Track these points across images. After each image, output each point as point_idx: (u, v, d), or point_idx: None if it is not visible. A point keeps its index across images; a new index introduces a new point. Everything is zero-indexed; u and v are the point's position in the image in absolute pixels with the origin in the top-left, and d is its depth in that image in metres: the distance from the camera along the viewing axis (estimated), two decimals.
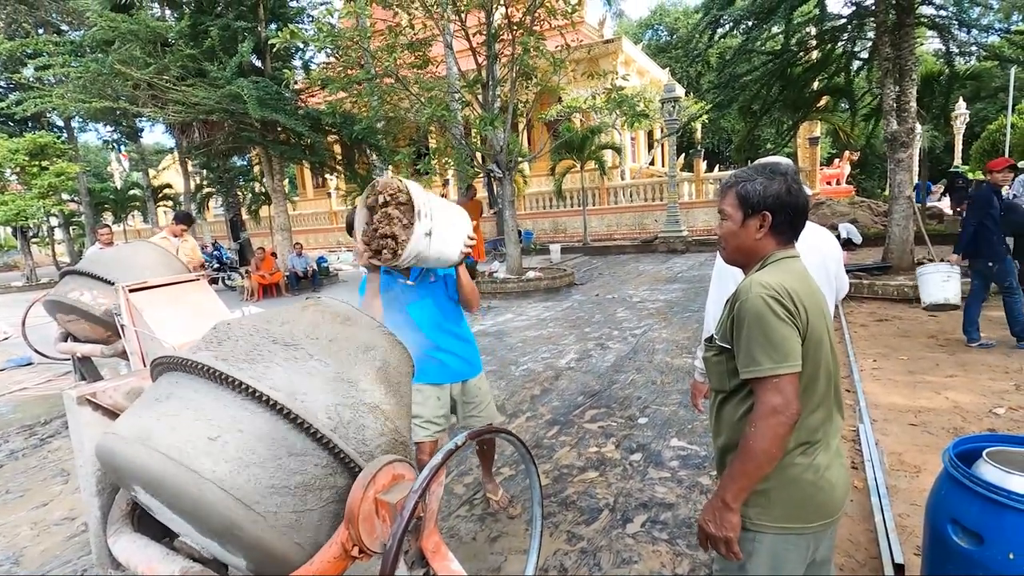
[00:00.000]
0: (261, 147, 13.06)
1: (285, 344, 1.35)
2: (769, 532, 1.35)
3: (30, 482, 3.84)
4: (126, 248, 4.88)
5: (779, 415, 1.24)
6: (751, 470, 1.27)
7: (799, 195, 1.39)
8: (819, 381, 1.34)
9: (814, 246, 1.98)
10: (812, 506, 1.36)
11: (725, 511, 1.32)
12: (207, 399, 1.25)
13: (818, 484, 1.35)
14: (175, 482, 1.18)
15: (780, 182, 1.37)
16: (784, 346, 1.25)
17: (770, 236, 1.39)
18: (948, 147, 26.07)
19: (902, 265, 8.19)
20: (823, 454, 1.37)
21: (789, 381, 1.25)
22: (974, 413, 3.77)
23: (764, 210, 1.37)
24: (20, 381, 6.53)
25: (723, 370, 1.40)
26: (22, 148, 15.66)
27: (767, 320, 1.25)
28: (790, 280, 1.31)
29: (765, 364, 1.25)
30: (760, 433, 1.25)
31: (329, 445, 1.27)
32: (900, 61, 7.87)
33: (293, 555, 1.26)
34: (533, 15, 9.31)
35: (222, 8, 12.13)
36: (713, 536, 1.34)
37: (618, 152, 18.75)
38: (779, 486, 1.34)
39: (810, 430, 1.35)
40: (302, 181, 29.76)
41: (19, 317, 6.04)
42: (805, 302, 1.30)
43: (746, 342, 1.29)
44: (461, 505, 3.10)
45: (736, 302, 1.33)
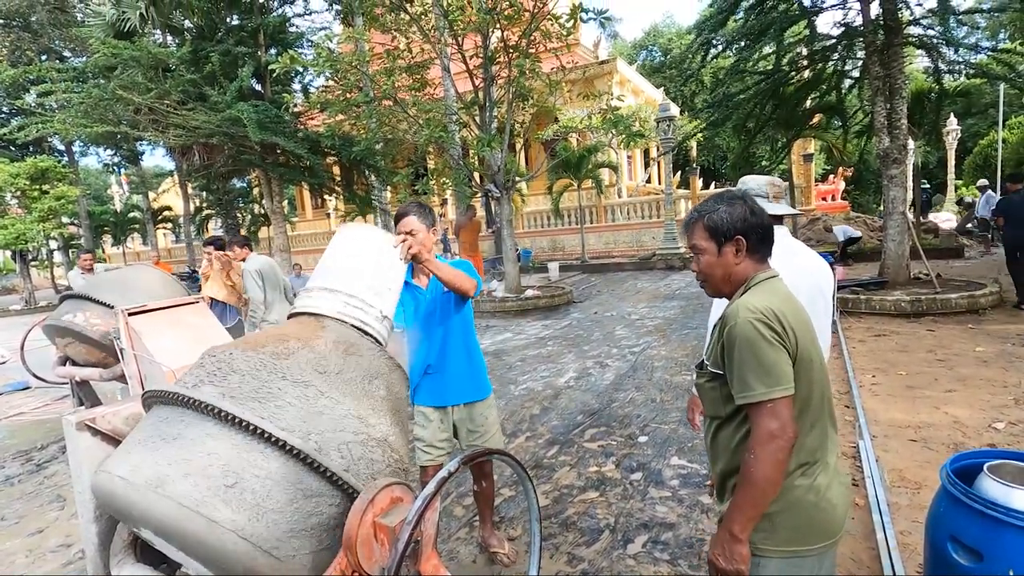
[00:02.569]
0: (261, 169, 13.18)
1: (295, 381, 1.35)
2: (774, 556, 1.35)
3: (26, 508, 3.80)
4: (126, 271, 4.90)
5: (777, 440, 1.24)
6: (756, 498, 1.27)
7: (762, 214, 1.42)
8: (812, 400, 1.35)
9: (804, 268, 1.97)
10: (815, 528, 1.35)
11: (734, 543, 1.30)
12: (221, 444, 1.24)
13: (819, 505, 1.34)
14: (194, 532, 1.17)
15: (741, 205, 1.41)
16: (776, 370, 1.25)
17: (748, 259, 1.42)
18: (941, 162, 26.34)
19: (898, 280, 8.23)
20: (823, 474, 1.37)
21: (784, 404, 1.25)
22: (974, 428, 3.76)
23: (737, 235, 1.39)
24: (17, 406, 6.50)
25: (717, 396, 1.39)
26: (23, 172, 15.81)
27: (757, 344, 1.26)
28: (776, 302, 1.32)
29: (759, 389, 1.25)
30: (760, 460, 1.25)
31: (343, 485, 1.28)
32: (890, 80, 8.00)
33: None
34: (529, 38, 9.48)
35: (223, 34, 12.34)
36: (724, 571, 1.32)
37: (615, 170, 18.93)
38: (782, 510, 1.33)
39: (809, 451, 1.35)
40: (301, 202, 29.93)
41: (17, 341, 6.04)
42: (792, 323, 1.30)
43: (738, 368, 1.29)
44: (461, 528, 3.08)
45: (725, 327, 1.33)
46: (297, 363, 1.39)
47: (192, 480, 1.18)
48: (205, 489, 1.18)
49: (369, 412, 1.43)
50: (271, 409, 1.28)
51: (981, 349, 5.55)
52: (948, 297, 7.20)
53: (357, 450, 1.32)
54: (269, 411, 1.27)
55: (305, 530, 1.22)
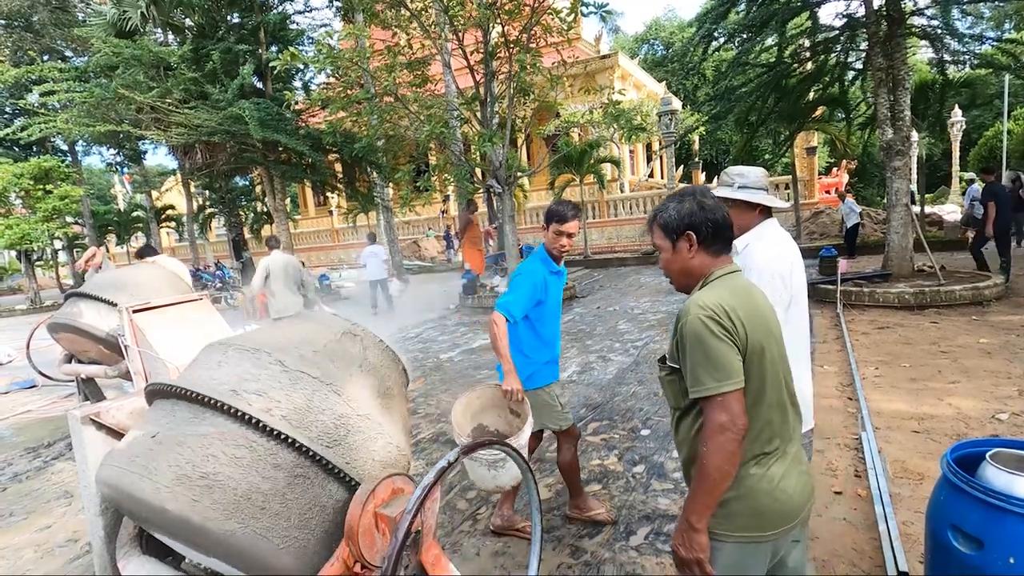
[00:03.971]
0: (263, 167, 13.20)
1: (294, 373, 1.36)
2: (729, 541, 1.39)
3: (33, 504, 3.84)
4: (130, 270, 4.92)
5: (727, 432, 1.27)
6: (709, 488, 1.30)
7: (714, 208, 1.45)
8: (766, 392, 1.38)
9: (781, 256, 1.96)
10: (768, 515, 1.39)
11: (692, 533, 1.34)
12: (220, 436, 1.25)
13: (773, 495, 1.38)
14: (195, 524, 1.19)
15: (690, 201, 1.45)
16: (724, 364, 1.29)
17: (702, 252, 1.45)
18: (946, 154, 26.19)
19: (902, 272, 8.20)
20: (778, 464, 1.40)
21: (734, 398, 1.29)
22: (977, 419, 3.76)
23: (687, 230, 1.44)
24: (24, 404, 6.55)
25: (676, 389, 1.43)
26: (27, 172, 15.87)
27: (706, 340, 1.30)
28: (728, 297, 1.36)
29: (708, 383, 1.29)
30: (711, 451, 1.28)
31: (344, 477, 1.30)
32: (893, 71, 7.96)
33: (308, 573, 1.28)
34: (529, 33, 9.45)
35: (223, 32, 12.35)
36: (685, 559, 1.36)
37: (617, 165, 18.88)
38: (735, 497, 1.37)
39: (763, 441, 1.39)
40: (303, 200, 29.99)
41: (23, 340, 6.08)
42: (743, 317, 1.34)
43: (690, 363, 1.33)
44: (464, 520, 3.10)
45: (678, 323, 1.38)
46: (297, 356, 1.40)
47: (193, 472, 1.20)
48: (206, 481, 1.19)
49: (370, 404, 1.44)
50: (270, 401, 1.29)
51: (985, 341, 5.53)
52: (952, 289, 7.17)
53: (358, 441, 1.33)
54: (268, 403, 1.28)
55: (306, 521, 1.23)
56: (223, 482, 1.18)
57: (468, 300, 10.82)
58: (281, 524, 1.21)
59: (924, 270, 8.45)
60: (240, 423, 1.23)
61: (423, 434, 4.47)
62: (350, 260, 24.47)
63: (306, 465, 1.25)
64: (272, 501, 1.21)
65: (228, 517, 1.17)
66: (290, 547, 1.22)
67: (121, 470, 1.24)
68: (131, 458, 1.25)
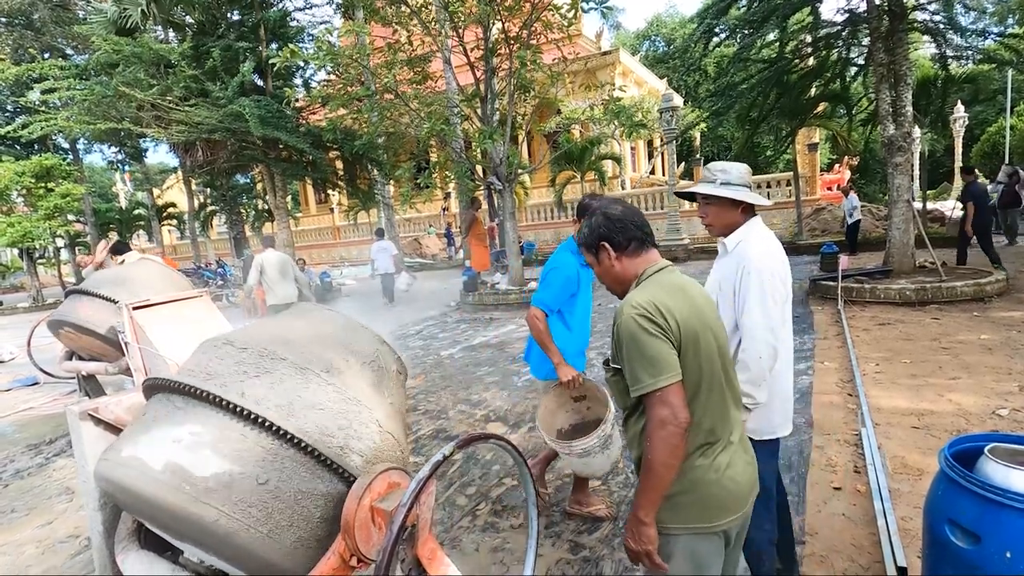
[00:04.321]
0: (263, 165, 13.20)
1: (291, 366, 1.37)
2: (682, 534, 1.42)
3: (35, 501, 3.86)
4: (130, 267, 4.93)
5: (668, 425, 1.30)
6: (655, 482, 1.33)
7: (619, 216, 1.52)
8: (704, 383, 1.41)
9: (774, 254, 1.95)
10: (717, 504, 1.42)
11: (641, 526, 1.36)
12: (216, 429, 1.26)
13: (721, 483, 1.42)
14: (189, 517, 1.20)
15: (597, 216, 1.54)
16: (659, 360, 1.32)
17: (623, 257, 1.53)
18: (948, 150, 26.11)
19: (903, 269, 8.18)
20: (723, 453, 1.44)
21: (672, 392, 1.31)
22: (977, 415, 3.75)
23: (600, 241, 1.52)
24: (26, 401, 6.57)
25: (621, 389, 1.45)
26: (28, 170, 15.87)
27: (639, 338, 1.33)
28: (659, 294, 1.40)
29: (646, 380, 1.32)
30: (655, 446, 1.31)
31: (340, 470, 1.30)
32: (894, 66, 7.92)
33: (304, 566, 1.29)
34: (530, 29, 9.43)
35: (224, 29, 12.33)
36: (635, 552, 1.39)
37: (618, 162, 18.86)
38: (684, 490, 1.41)
39: (707, 431, 1.42)
40: (305, 197, 30.00)
41: (25, 337, 6.10)
42: (675, 312, 1.37)
43: (628, 362, 1.36)
44: (463, 516, 3.10)
45: (614, 324, 1.41)
46: (294, 349, 1.40)
47: (186, 465, 1.20)
48: (201, 475, 1.19)
49: (366, 397, 1.44)
50: (263, 393, 1.29)
51: (986, 337, 5.52)
52: (953, 285, 7.16)
53: (354, 435, 1.33)
54: (261, 395, 1.28)
55: (301, 514, 1.23)
56: (216, 474, 1.19)
57: (469, 297, 10.82)
58: (275, 516, 1.21)
59: (926, 266, 8.43)
60: (233, 415, 1.23)
61: (423, 430, 4.48)
62: (351, 257, 24.51)
63: (300, 457, 1.25)
64: (265, 493, 1.21)
65: (220, 509, 1.17)
66: (284, 540, 1.22)
67: (116, 464, 1.24)
68: (126, 452, 1.26)
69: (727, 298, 1.93)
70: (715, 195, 1.95)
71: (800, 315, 7.33)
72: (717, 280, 2.00)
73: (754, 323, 1.86)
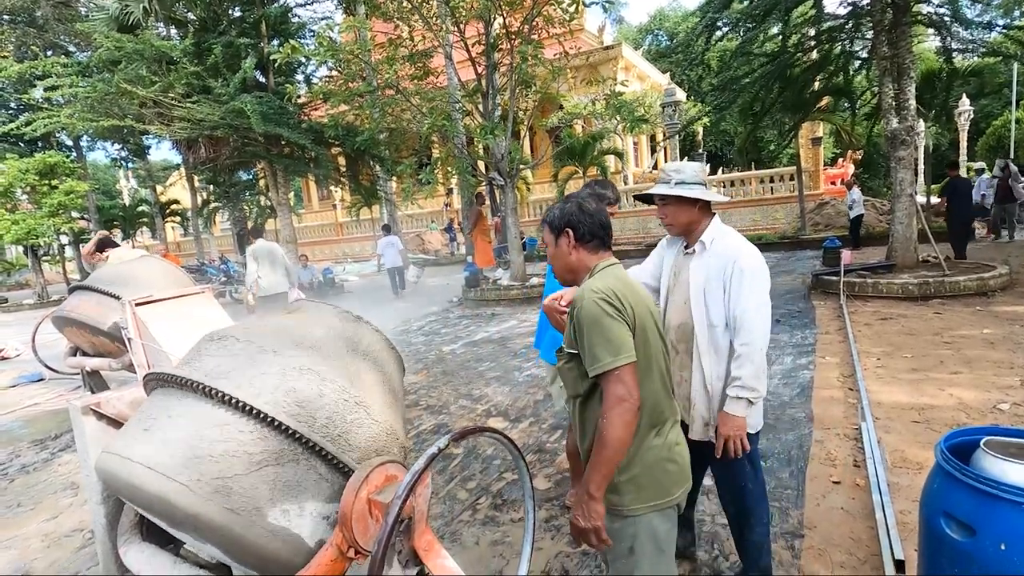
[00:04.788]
0: (266, 161, 13.23)
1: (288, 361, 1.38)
2: (644, 513, 1.52)
3: (41, 495, 3.89)
4: (133, 264, 4.96)
5: (624, 403, 1.39)
6: (608, 457, 1.40)
7: (593, 212, 1.63)
8: (652, 366, 1.53)
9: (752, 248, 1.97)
10: (671, 479, 1.56)
11: (591, 502, 1.43)
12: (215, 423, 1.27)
13: (672, 458, 1.56)
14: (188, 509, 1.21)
15: (572, 204, 1.65)
16: (619, 341, 1.42)
17: (581, 248, 1.63)
18: (953, 144, 25.94)
19: (906, 263, 8.15)
20: (672, 431, 1.58)
21: (628, 371, 1.41)
22: (978, 409, 3.75)
23: (566, 227, 1.62)
24: (32, 397, 6.62)
25: (576, 375, 1.53)
26: (32, 168, 15.93)
27: (601, 320, 1.43)
28: (615, 283, 1.51)
29: (606, 359, 1.41)
30: (611, 423, 1.39)
31: (337, 464, 1.31)
32: (898, 59, 7.87)
33: (303, 558, 1.30)
34: (531, 24, 9.40)
35: (225, 26, 12.34)
36: (583, 529, 1.44)
37: (620, 157, 18.80)
38: (644, 471, 1.52)
39: (656, 411, 1.54)
40: (307, 194, 30.04)
41: (30, 334, 6.14)
42: (630, 299, 1.49)
43: (588, 342, 1.44)
44: (464, 510, 3.12)
45: (575, 310, 1.49)
46: (290, 343, 1.41)
47: (183, 457, 1.22)
48: (197, 467, 1.21)
49: (365, 392, 1.46)
50: (259, 386, 1.30)
51: (989, 331, 5.51)
52: (956, 280, 7.14)
53: (349, 428, 1.34)
54: (258, 388, 1.29)
55: (299, 506, 1.25)
56: (213, 466, 1.20)
57: (471, 293, 10.84)
58: (273, 509, 1.23)
59: (929, 261, 8.40)
60: (228, 408, 1.25)
61: (424, 425, 4.50)
62: (354, 254, 24.54)
63: (297, 450, 1.27)
64: (261, 484, 1.23)
65: (217, 501, 1.19)
66: (280, 530, 1.24)
67: (116, 457, 1.26)
68: (126, 446, 1.27)
69: (716, 295, 1.94)
70: (672, 195, 1.98)
71: (802, 310, 7.32)
72: (702, 279, 1.98)
73: (754, 317, 1.88)
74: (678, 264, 2.08)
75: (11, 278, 25.06)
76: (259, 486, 1.23)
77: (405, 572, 1.32)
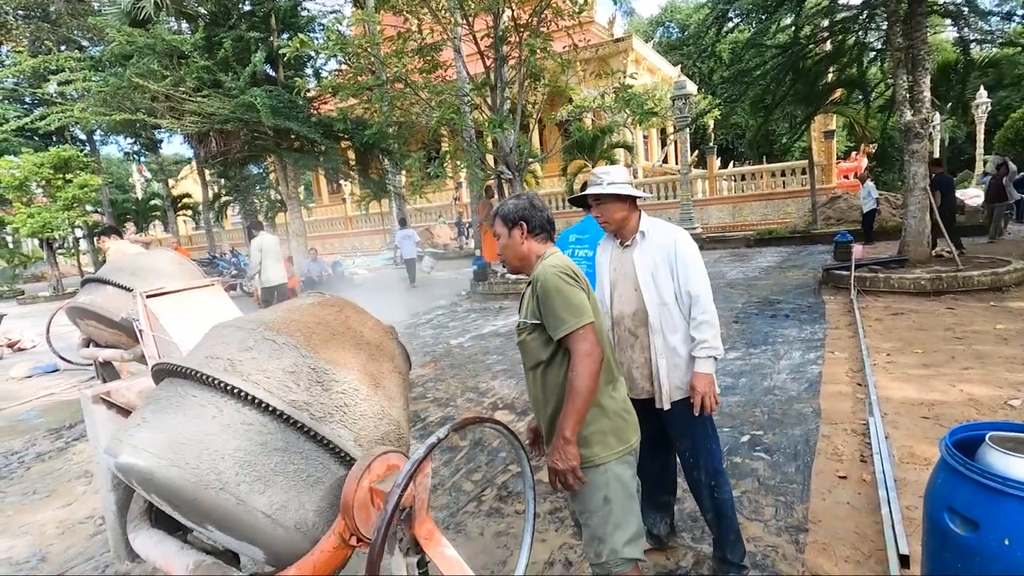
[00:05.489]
0: (275, 155, 13.28)
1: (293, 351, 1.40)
2: (612, 459, 1.74)
3: (55, 483, 3.97)
4: (144, 256, 5.02)
5: (590, 356, 1.62)
6: (580, 405, 1.62)
7: (542, 208, 1.86)
8: (602, 331, 1.75)
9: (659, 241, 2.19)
10: (626, 429, 1.79)
11: (567, 445, 1.64)
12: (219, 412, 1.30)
13: (626, 409, 1.82)
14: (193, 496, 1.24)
15: (524, 199, 1.86)
16: (581, 305, 1.65)
17: (531, 239, 1.83)
18: (970, 137, 25.51)
19: (918, 258, 8.05)
20: (620, 387, 1.84)
21: (590, 329, 1.64)
22: (989, 405, 3.71)
23: (520, 220, 1.82)
24: (47, 387, 6.74)
25: (538, 343, 1.75)
26: (47, 162, 16.11)
27: (563, 288, 1.65)
28: (567, 262, 1.77)
29: (571, 320, 1.63)
30: (580, 374, 1.61)
31: (340, 453, 1.33)
32: (912, 51, 7.75)
33: (307, 545, 1.33)
34: (540, 16, 9.34)
35: (235, 20, 12.37)
36: (561, 471, 1.65)
37: (630, 151, 18.69)
38: (606, 422, 1.74)
39: (609, 370, 1.78)
40: (317, 188, 30.15)
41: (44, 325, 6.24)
42: (580, 274, 1.75)
43: (553, 309, 1.65)
44: (469, 502, 3.15)
45: (537, 284, 1.71)
46: (294, 333, 1.43)
47: (189, 445, 1.24)
48: (200, 453, 1.23)
49: (368, 382, 1.47)
50: (262, 376, 1.32)
51: (1002, 327, 5.44)
52: (970, 275, 7.04)
53: (351, 417, 1.36)
54: (261, 378, 1.31)
55: (301, 494, 1.26)
56: (214, 453, 1.23)
57: (479, 287, 10.86)
58: (272, 494, 1.25)
59: (942, 255, 8.29)
60: (232, 397, 1.27)
61: (431, 417, 4.54)
62: (363, 247, 24.64)
63: (297, 437, 1.28)
64: (263, 471, 1.25)
65: (217, 486, 1.21)
66: (282, 517, 1.26)
67: (123, 444, 1.29)
68: (133, 433, 1.30)
69: (663, 277, 2.17)
70: (606, 194, 2.17)
71: (811, 305, 7.26)
72: (649, 265, 2.19)
73: (705, 288, 2.16)
74: (617, 259, 2.29)
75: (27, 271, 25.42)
76: (261, 472, 1.25)
77: (406, 560, 1.34)
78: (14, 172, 16.03)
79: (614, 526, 1.72)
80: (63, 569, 2.88)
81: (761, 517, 2.72)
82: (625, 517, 1.74)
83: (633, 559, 1.74)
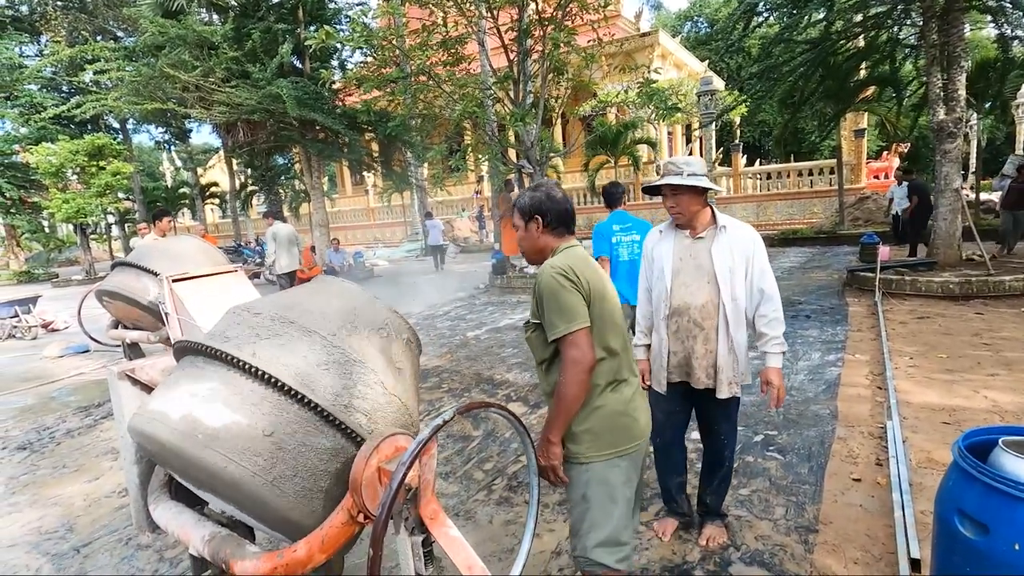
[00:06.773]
0: (300, 145, 13.48)
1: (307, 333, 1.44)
2: (598, 461, 1.71)
3: (84, 458, 4.13)
4: (170, 241, 5.16)
5: (578, 363, 1.59)
6: (565, 410, 1.63)
7: (560, 200, 1.80)
8: (610, 331, 1.70)
9: (740, 238, 2.25)
10: (624, 431, 1.73)
11: (549, 445, 1.68)
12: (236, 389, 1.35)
13: (627, 412, 1.73)
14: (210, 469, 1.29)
15: (541, 191, 1.81)
16: (573, 309, 1.61)
17: (547, 232, 1.80)
18: (1009, 138, 24.65)
19: (948, 261, 7.84)
20: (627, 388, 1.76)
21: (582, 335, 1.60)
22: (1013, 412, 3.62)
23: (536, 214, 1.78)
24: (78, 367, 6.98)
25: (540, 342, 1.73)
26: (82, 149, 16.60)
27: (557, 292, 1.62)
28: (573, 261, 1.69)
29: (561, 325, 1.60)
30: (566, 381, 1.61)
31: (351, 433, 1.38)
32: (948, 47, 7.52)
33: (314, 521, 1.38)
34: (565, 10, 9.29)
35: (264, 11, 12.57)
36: (544, 468, 1.70)
37: (653, 147, 18.51)
38: (599, 423, 1.70)
39: (612, 372, 1.72)
40: (341, 179, 30.49)
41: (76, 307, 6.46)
42: (586, 274, 1.68)
43: (546, 312, 1.64)
44: (479, 490, 3.19)
45: (536, 285, 1.69)
46: (304, 315, 1.48)
47: (202, 417, 1.29)
48: (212, 425, 1.29)
49: (380, 365, 1.51)
50: (276, 355, 1.37)
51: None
52: (1001, 279, 6.84)
53: (358, 395, 1.40)
54: (274, 357, 1.36)
55: (306, 466, 1.31)
56: (225, 425, 1.28)
57: (497, 280, 10.90)
58: (279, 466, 1.29)
59: (973, 259, 8.07)
60: (244, 373, 1.32)
61: (446, 407, 4.58)
62: (384, 239, 24.87)
63: (304, 413, 1.33)
64: (270, 444, 1.30)
65: (228, 456, 1.26)
66: (288, 489, 1.30)
67: (144, 416, 1.35)
68: (153, 406, 1.36)
69: (740, 273, 2.22)
70: (685, 185, 2.16)
71: (834, 307, 7.14)
72: (727, 260, 2.21)
73: (775, 286, 2.24)
74: (685, 249, 2.29)
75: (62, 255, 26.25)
76: (269, 446, 1.29)
77: (411, 539, 1.38)
78: (51, 159, 16.55)
79: (589, 525, 1.71)
80: (89, 539, 3.00)
81: (771, 516, 2.70)
82: (602, 519, 1.70)
83: (601, 563, 1.69)
